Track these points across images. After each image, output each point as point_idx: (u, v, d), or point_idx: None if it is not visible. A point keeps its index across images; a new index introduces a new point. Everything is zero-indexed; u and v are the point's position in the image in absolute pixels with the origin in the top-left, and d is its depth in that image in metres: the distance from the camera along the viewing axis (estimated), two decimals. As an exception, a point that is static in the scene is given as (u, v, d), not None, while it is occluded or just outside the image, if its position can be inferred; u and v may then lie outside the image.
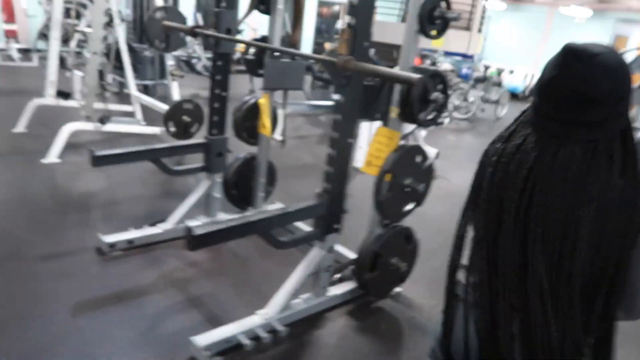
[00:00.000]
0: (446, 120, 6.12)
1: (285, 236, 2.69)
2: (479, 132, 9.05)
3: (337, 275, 3.06)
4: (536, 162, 0.99)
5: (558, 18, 13.86)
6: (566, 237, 0.97)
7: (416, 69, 2.57)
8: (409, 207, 2.84)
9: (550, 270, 0.98)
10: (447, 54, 15.94)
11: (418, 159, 2.77)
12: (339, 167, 2.58)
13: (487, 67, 15.44)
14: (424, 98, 2.55)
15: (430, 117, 2.65)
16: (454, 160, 6.69)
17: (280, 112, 6.84)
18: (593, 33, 12.89)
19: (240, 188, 3.73)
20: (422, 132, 6.34)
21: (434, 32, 2.55)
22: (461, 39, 9.53)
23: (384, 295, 3.00)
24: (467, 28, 9.46)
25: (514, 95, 13.95)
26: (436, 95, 2.54)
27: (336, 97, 2.54)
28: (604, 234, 0.97)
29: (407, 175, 2.69)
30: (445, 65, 16.10)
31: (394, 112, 2.69)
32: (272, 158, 3.76)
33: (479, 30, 9.90)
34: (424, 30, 2.52)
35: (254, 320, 2.52)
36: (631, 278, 1.00)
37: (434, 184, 5.64)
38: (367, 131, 7.61)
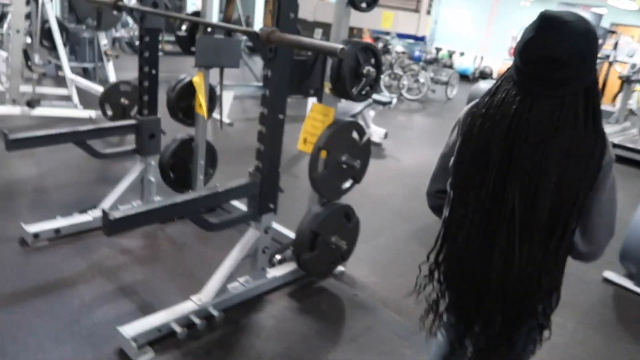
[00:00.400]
0: (394, 100, 6.10)
1: (217, 217, 2.58)
2: (429, 112, 9.13)
3: (278, 257, 2.98)
4: (515, 114, 1.18)
5: (504, 1, 14.13)
6: (539, 176, 1.18)
7: (346, 42, 2.48)
8: (346, 184, 2.78)
9: (523, 201, 1.20)
10: (400, 36, 16.02)
11: (354, 135, 2.70)
12: (270, 145, 2.48)
13: (438, 50, 15.66)
14: (355, 72, 2.48)
15: (363, 92, 2.58)
16: (404, 140, 6.72)
17: (226, 94, 6.67)
18: (535, 14, 13.21)
19: (178, 171, 3.57)
20: (371, 112, 6.32)
21: (363, 5, 2.47)
22: (410, 20, 9.56)
23: (325, 274, 2.95)
24: (416, 10, 9.48)
25: (465, 77, 14.19)
26: (368, 69, 2.46)
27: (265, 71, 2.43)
28: (567, 176, 1.18)
29: (343, 152, 2.62)
30: (398, 47, 16.19)
31: (327, 87, 2.60)
32: (218, 141, 3.62)
33: (428, 12, 9.94)
34: (353, 3, 2.44)
35: (187, 307, 2.41)
36: (591, 215, 1.25)
37: (382, 163, 5.64)
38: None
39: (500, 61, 13.69)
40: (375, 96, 6.20)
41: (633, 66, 8.04)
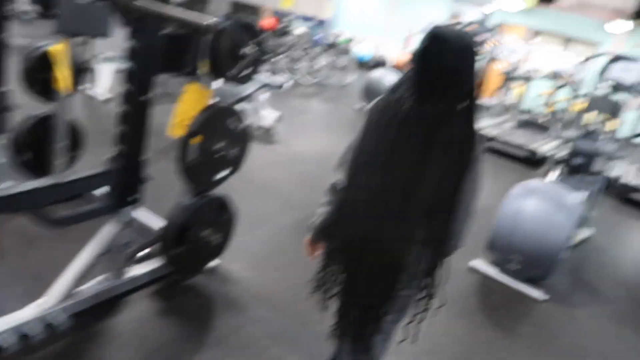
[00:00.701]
0: (287, 83, 5.95)
1: (67, 211, 2.26)
2: (325, 97, 9.13)
3: (144, 252, 2.72)
4: (408, 112, 1.40)
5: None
6: (421, 166, 1.41)
7: (225, 18, 2.27)
8: (222, 173, 2.59)
9: (405, 187, 1.43)
10: (303, 19, 15.85)
11: (231, 121, 2.51)
12: (133, 127, 2.21)
13: (338, 35, 15.73)
14: (233, 52, 2.28)
15: (243, 73, 2.39)
16: (298, 125, 6.63)
17: (106, 66, 6.05)
18: (433, 10, 13.79)
19: (35, 152, 3.12)
20: (264, 95, 6.13)
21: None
22: (312, 2, 9.43)
23: (195, 271, 2.75)
24: (317, -9, 9.39)
25: (363, 64, 14.47)
26: (248, 49, 2.28)
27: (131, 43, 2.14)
28: (446, 168, 1.41)
29: (218, 139, 2.43)
30: (300, 29, 15.97)
31: (203, 67, 2.38)
32: (93, 120, 3.20)
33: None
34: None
35: (26, 314, 2.09)
36: (460, 209, 1.47)
37: (273, 148, 5.47)
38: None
39: (397, 51, 14.13)
40: (267, 78, 6.00)
41: (514, 63, 8.67)
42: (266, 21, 11.00)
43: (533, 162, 7.39)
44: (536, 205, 3.41)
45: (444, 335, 2.81)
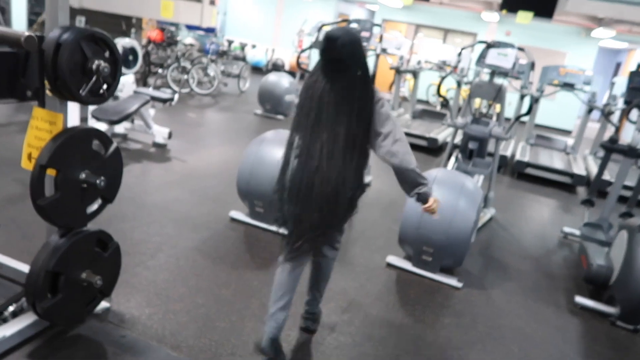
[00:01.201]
0: (176, 97, 5.57)
1: None
2: (222, 107, 8.78)
3: (12, 307, 2.29)
4: (323, 88, 2.02)
5: (289, -5, 14.57)
6: (337, 122, 2.01)
7: (65, 29, 1.93)
8: (94, 206, 2.24)
9: (328, 136, 2.01)
10: (190, 28, 15.29)
11: (97, 144, 2.17)
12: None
13: (230, 42, 15.38)
14: (82, 67, 1.95)
15: (97, 92, 2.06)
16: (194, 139, 6.25)
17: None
18: (319, 11, 13.94)
19: None
20: (151, 111, 5.69)
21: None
22: (193, 10, 9.02)
23: (79, 319, 2.36)
24: (199, -1, 9.00)
25: (258, 69, 14.25)
26: (99, 63, 1.96)
27: None
28: (354, 120, 2.02)
29: (81, 168, 2.07)
30: (188, 39, 15.39)
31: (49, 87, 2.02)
32: None
33: (212, 3, 9.53)
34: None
35: None
36: (391, 141, 2.06)
37: (166, 167, 5.06)
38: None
39: (291, 53, 14.08)
40: (153, 92, 5.58)
41: (401, 58, 8.93)
42: (152, 33, 10.38)
43: (435, 150, 7.64)
44: (439, 194, 3.40)
45: (369, 340, 2.68)
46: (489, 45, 4.57)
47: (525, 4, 10.18)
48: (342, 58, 2.01)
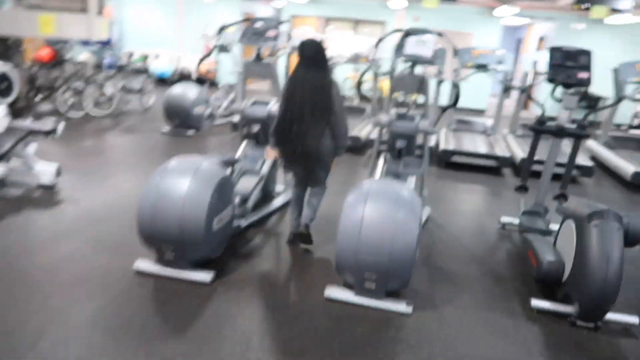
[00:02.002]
0: (60, 127, 4.75)
1: None
2: (124, 128, 7.91)
3: None
4: (304, 78, 3.33)
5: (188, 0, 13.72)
6: (315, 100, 3.32)
7: None
8: None
9: (309, 110, 3.31)
10: (85, 42, 13.99)
11: None
12: None
13: (131, 54, 14.27)
14: None
15: None
16: (89, 171, 5.43)
17: None
18: (223, 12, 13.24)
19: None
20: (31, 147, 4.84)
21: None
22: (78, 23, 8.04)
23: None
24: (83, 10, 8.02)
25: (164, 80, 13.31)
26: None
27: None
28: (324, 98, 3.35)
29: None
30: (83, 55, 14.08)
31: None
32: None
33: (100, 13, 8.58)
34: None
35: None
36: (336, 123, 3.45)
37: (53, 214, 4.26)
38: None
39: (198, 60, 13.26)
40: (32, 125, 4.74)
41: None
42: (42, 52, 9.17)
43: (359, 149, 7.30)
44: (375, 211, 2.99)
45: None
46: (407, 33, 4.23)
47: (429, -11, 10.14)
48: (313, 55, 3.34)
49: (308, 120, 3.30)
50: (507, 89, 7.70)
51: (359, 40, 9.11)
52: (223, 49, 8.56)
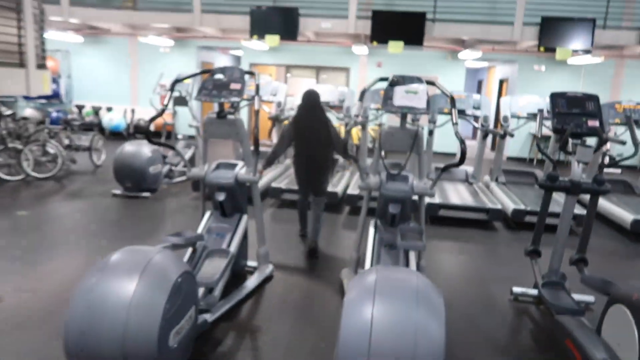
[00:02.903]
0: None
1: None
2: (69, 192, 6.97)
3: None
4: (307, 118, 4.67)
5: (143, 48, 13.04)
6: (319, 136, 4.63)
7: None
8: None
9: (315, 142, 4.65)
10: (28, 98, 13.03)
11: None
12: None
13: (81, 108, 13.36)
14: None
15: None
16: (20, 253, 4.49)
17: None
18: (180, 62, 12.65)
19: None
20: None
21: None
22: (14, 78, 7.21)
23: None
24: (22, 64, 7.21)
25: (118, 134, 12.43)
26: None
27: None
28: (325, 134, 4.63)
29: None
30: (27, 110, 13.05)
31: None
32: None
33: (41, 67, 7.78)
34: None
35: None
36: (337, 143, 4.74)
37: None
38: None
39: (155, 111, 12.50)
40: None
41: (279, 104, 7.94)
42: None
43: (335, 205, 6.64)
44: (385, 313, 2.28)
45: None
46: (393, 82, 3.66)
47: (393, 34, 9.89)
48: (314, 100, 4.67)
49: (315, 147, 4.66)
50: (486, 135, 7.30)
51: (323, 88, 8.58)
52: (180, 101, 7.88)
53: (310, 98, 4.65)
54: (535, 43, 9.95)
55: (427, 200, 6.30)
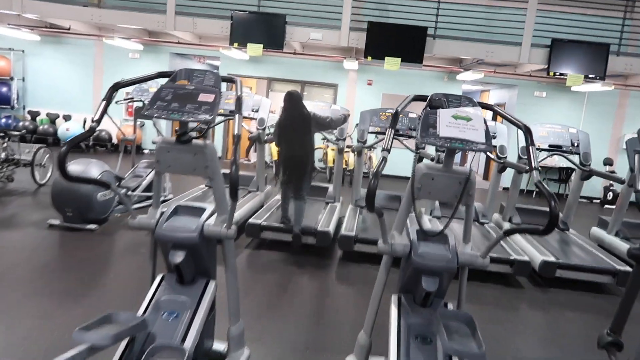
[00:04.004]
0: None
1: None
2: (3, 218, 5.62)
3: None
4: (290, 118, 5.14)
5: (110, 52, 11.72)
6: (301, 133, 5.16)
7: None
8: None
9: (298, 137, 5.16)
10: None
11: None
12: None
13: (35, 115, 11.98)
14: None
15: None
16: None
17: None
18: (150, 68, 11.37)
19: None
20: None
21: None
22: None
23: None
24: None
25: (75, 146, 11.01)
26: None
27: None
28: (306, 130, 5.18)
29: None
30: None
31: None
32: None
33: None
34: None
35: None
36: (322, 123, 5.39)
37: None
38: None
39: (119, 123, 11.17)
40: None
41: (261, 122, 6.77)
42: None
43: (325, 250, 5.47)
44: None
45: None
46: (433, 104, 2.55)
47: (391, 50, 8.89)
48: (296, 104, 5.10)
49: (300, 140, 5.15)
50: (504, 169, 6.26)
51: (313, 106, 7.45)
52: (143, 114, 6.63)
53: (295, 97, 5.14)
54: (542, 67, 9.11)
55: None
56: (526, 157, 2.36)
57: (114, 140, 11.76)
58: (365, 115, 6.53)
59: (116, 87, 2.58)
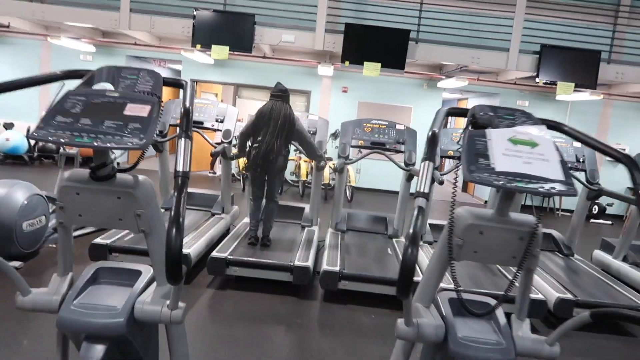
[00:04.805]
0: None
1: None
2: None
3: None
4: (272, 107, 4.64)
5: (58, 54, 10.56)
6: (281, 125, 4.60)
7: None
8: None
9: (280, 130, 4.60)
10: None
11: None
12: None
13: (-29, 122, 10.64)
14: None
15: None
16: None
17: None
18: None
19: None
20: None
21: None
22: None
23: None
24: None
25: (17, 157, 9.82)
26: None
27: None
28: (288, 124, 4.64)
29: None
30: None
31: None
32: None
33: None
34: None
35: None
36: (304, 141, 4.85)
37: None
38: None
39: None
40: None
41: (227, 134, 5.85)
42: None
43: (302, 288, 4.59)
44: None
45: None
46: (478, 122, 1.75)
47: (370, 54, 8.14)
48: (281, 94, 4.70)
49: (277, 137, 4.61)
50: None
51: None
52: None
53: (280, 90, 4.78)
54: (529, 74, 8.55)
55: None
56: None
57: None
58: (347, 127, 5.68)
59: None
